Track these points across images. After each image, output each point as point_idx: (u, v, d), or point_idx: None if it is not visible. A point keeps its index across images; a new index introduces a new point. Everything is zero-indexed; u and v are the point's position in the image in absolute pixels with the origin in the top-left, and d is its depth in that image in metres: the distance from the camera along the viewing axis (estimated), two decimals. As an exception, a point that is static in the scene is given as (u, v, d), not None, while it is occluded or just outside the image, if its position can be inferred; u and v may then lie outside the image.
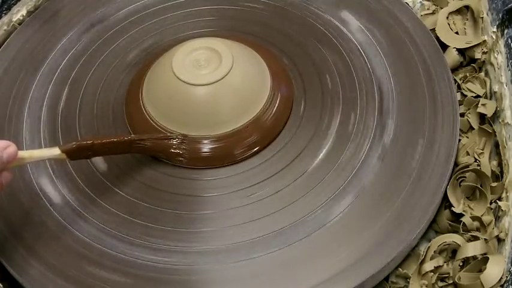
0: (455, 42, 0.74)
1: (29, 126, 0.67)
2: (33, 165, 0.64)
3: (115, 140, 0.59)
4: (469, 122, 0.68)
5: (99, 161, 0.64)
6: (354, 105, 0.67)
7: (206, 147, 0.63)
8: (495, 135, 0.66)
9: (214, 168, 0.63)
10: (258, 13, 0.77)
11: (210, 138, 0.63)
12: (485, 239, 0.58)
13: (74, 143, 0.56)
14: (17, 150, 0.52)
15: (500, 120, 0.66)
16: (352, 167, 0.62)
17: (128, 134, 0.65)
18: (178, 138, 0.62)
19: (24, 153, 0.54)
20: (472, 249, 0.57)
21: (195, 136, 0.63)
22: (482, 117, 0.67)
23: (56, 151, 0.56)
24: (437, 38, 0.74)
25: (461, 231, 0.59)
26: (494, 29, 0.70)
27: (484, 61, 0.72)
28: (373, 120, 0.65)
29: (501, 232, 0.58)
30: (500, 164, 0.64)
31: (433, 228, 0.62)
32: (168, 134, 0.63)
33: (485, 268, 0.55)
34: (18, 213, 0.60)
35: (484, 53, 0.72)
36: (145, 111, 0.65)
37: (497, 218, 0.60)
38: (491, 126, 0.66)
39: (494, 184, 0.61)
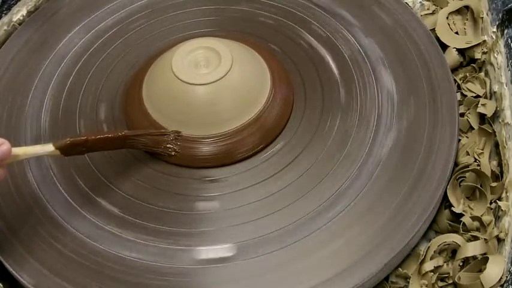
0: (455, 42, 0.74)
1: (29, 126, 0.67)
2: (32, 164, 0.64)
3: (109, 135, 0.59)
4: (469, 122, 0.68)
5: (98, 161, 0.64)
6: (354, 106, 0.67)
7: (206, 147, 0.63)
8: (495, 135, 0.66)
9: (214, 168, 0.63)
10: (258, 13, 0.77)
11: (209, 137, 0.63)
12: (485, 239, 0.58)
13: (68, 139, 0.56)
14: (10, 147, 0.52)
15: (500, 120, 0.66)
16: (352, 168, 0.62)
17: (122, 130, 0.65)
18: (172, 134, 0.62)
19: (18, 150, 0.54)
20: (472, 249, 0.57)
21: (194, 136, 0.63)
22: (482, 117, 0.67)
23: (50, 147, 0.56)
24: (437, 38, 0.74)
25: (461, 231, 0.60)
26: (494, 29, 0.71)
27: (484, 61, 0.72)
28: (373, 120, 0.65)
29: (501, 232, 0.58)
30: (500, 164, 0.64)
31: (433, 228, 0.62)
32: (162, 130, 0.63)
33: (485, 268, 0.55)
34: (17, 212, 0.60)
35: (484, 53, 0.72)
36: (145, 111, 0.65)
37: (497, 218, 0.60)
38: (491, 126, 0.66)
39: (494, 184, 0.61)
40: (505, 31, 0.69)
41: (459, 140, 0.65)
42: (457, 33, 0.76)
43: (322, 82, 0.69)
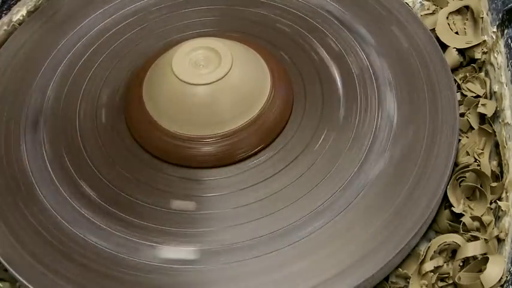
0: (455, 42, 0.74)
1: (29, 126, 0.67)
2: (33, 167, 0.64)
3: None
4: (469, 122, 0.68)
5: (99, 162, 0.64)
6: (353, 104, 0.67)
7: (205, 147, 0.63)
8: (495, 135, 0.66)
9: (214, 168, 0.63)
10: (258, 13, 0.77)
11: (209, 138, 0.63)
12: (485, 239, 0.58)
13: None
14: None
15: (500, 120, 0.66)
16: (353, 168, 0.62)
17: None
18: None
19: None
20: (472, 249, 0.57)
21: (194, 136, 0.63)
22: (482, 117, 0.67)
23: None
24: (437, 38, 0.74)
25: (461, 231, 0.60)
26: (494, 29, 0.71)
27: (484, 61, 0.72)
28: (374, 118, 0.65)
29: (501, 232, 0.58)
30: (500, 164, 0.64)
31: (433, 228, 0.62)
32: None
33: (485, 268, 0.55)
34: (18, 213, 0.60)
35: (484, 53, 0.72)
36: (145, 111, 0.65)
37: (497, 218, 0.60)
38: (491, 126, 0.66)
39: (494, 184, 0.61)
40: (505, 31, 0.69)
41: (459, 140, 0.65)
42: (457, 33, 0.76)
43: (322, 82, 0.69)
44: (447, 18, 0.76)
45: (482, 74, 0.72)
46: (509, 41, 0.67)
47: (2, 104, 0.69)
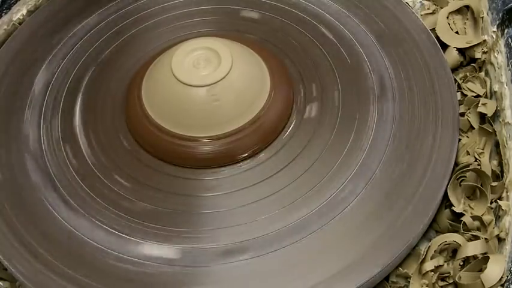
0: (455, 42, 0.74)
1: (29, 127, 0.67)
2: (33, 167, 0.64)
3: None
4: (469, 121, 0.68)
5: (98, 162, 0.64)
6: (353, 105, 0.67)
7: (205, 148, 0.63)
8: (495, 135, 0.66)
9: (214, 168, 0.63)
10: (257, 13, 0.77)
11: (209, 138, 0.63)
12: (485, 239, 0.58)
13: None
14: None
15: (501, 120, 0.65)
16: (352, 168, 0.62)
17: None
18: None
19: None
20: (473, 248, 0.57)
21: (194, 136, 0.63)
22: (482, 117, 0.67)
23: None
24: (437, 38, 0.74)
25: (462, 231, 0.59)
26: (495, 29, 0.70)
27: (484, 61, 0.72)
28: (374, 118, 0.65)
29: (501, 231, 0.58)
30: (500, 164, 0.64)
31: (433, 227, 0.62)
32: None
33: (485, 267, 0.55)
34: (18, 213, 0.60)
35: (484, 52, 0.72)
36: (145, 111, 0.65)
37: (498, 218, 0.60)
38: (492, 125, 0.66)
39: (494, 184, 0.61)
40: (505, 31, 0.69)
41: (459, 139, 0.65)
42: (457, 32, 0.76)
43: (322, 82, 0.69)
44: (447, 17, 0.76)
45: (483, 73, 0.71)
46: (510, 40, 0.67)
47: (2, 103, 0.69)
